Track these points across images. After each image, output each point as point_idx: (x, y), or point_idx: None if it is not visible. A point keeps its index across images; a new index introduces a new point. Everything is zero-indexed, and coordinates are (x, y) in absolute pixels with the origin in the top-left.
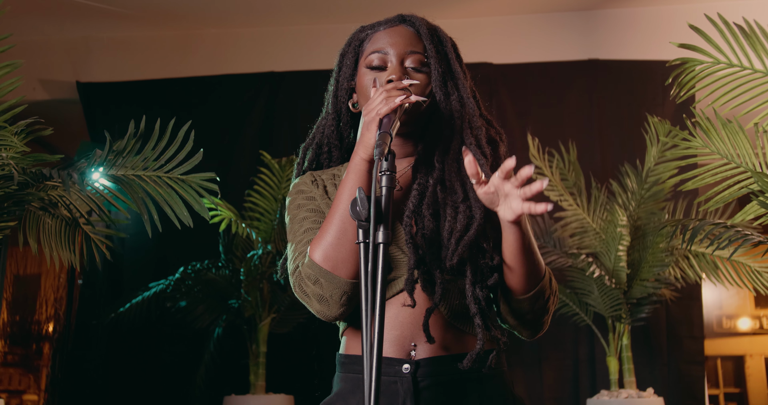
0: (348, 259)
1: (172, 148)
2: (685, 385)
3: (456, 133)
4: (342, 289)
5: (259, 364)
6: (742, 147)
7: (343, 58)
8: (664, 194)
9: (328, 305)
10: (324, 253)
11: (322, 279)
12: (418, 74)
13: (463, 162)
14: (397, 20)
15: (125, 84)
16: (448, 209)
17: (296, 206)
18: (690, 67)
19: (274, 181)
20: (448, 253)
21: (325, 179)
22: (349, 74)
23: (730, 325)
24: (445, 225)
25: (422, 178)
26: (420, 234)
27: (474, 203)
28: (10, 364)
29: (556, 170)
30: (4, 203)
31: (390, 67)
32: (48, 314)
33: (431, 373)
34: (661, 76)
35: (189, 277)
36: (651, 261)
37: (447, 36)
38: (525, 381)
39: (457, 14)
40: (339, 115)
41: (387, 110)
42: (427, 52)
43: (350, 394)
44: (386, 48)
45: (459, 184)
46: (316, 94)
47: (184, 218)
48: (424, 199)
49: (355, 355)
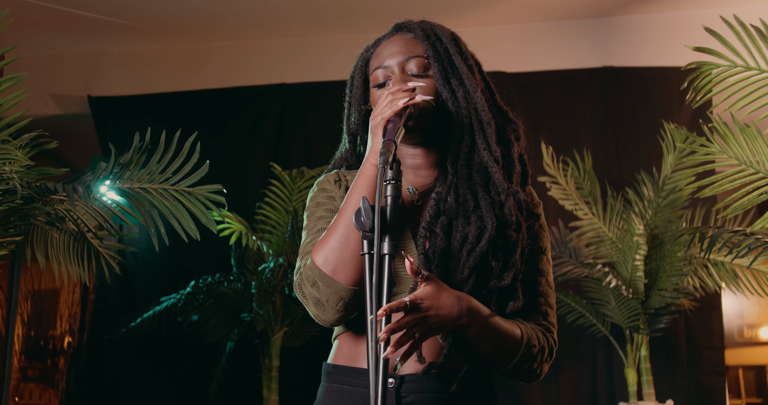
0: (348, 265)
1: (178, 161)
2: (706, 396)
3: (465, 134)
4: (339, 294)
5: (272, 379)
6: (761, 152)
7: (352, 81)
8: (681, 202)
9: (324, 310)
10: (325, 256)
11: (320, 282)
12: (423, 79)
13: (474, 167)
14: (394, 30)
15: (136, 98)
16: (459, 219)
17: (315, 204)
18: (706, 70)
19: (285, 193)
20: (459, 264)
21: (349, 180)
22: (359, 96)
23: (752, 334)
24: (456, 236)
25: (440, 188)
26: (431, 250)
27: (485, 213)
28: (29, 379)
29: (571, 179)
30: (10, 218)
31: (393, 78)
32: (63, 329)
33: (415, 389)
34: (676, 82)
35: (200, 290)
36: (669, 270)
37: (447, 31)
38: (542, 394)
39: (470, 23)
40: (355, 138)
41: (391, 113)
42: (427, 53)
43: (334, 404)
44: (386, 61)
45: (469, 191)
46: (327, 105)
47: (191, 231)
48: (439, 212)
49: (343, 366)
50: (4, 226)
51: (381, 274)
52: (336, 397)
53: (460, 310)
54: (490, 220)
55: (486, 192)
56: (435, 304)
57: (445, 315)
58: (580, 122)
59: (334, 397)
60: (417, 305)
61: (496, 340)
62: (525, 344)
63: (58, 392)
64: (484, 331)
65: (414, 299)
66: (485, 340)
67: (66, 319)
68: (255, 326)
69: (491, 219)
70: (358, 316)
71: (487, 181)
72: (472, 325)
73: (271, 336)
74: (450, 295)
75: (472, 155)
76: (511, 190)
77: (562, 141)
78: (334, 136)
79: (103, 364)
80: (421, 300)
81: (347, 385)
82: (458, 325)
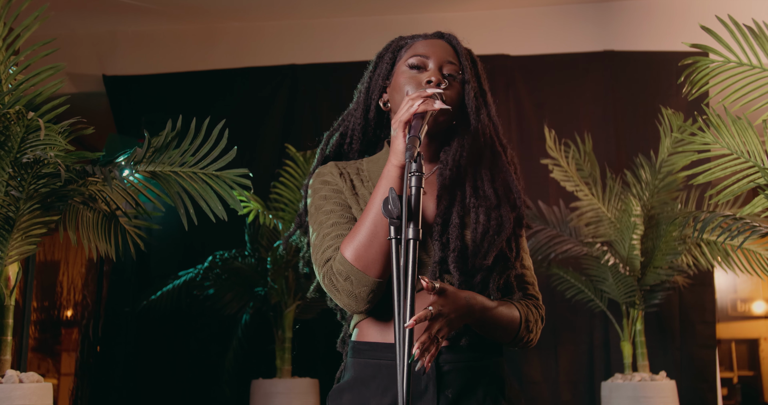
0: (378, 260)
1: (207, 146)
2: (697, 368)
3: (487, 145)
4: (370, 287)
5: (285, 349)
6: (751, 143)
7: (380, 60)
8: (677, 185)
9: (356, 300)
10: (356, 252)
11: (353, 277)
12: (453, 82)
13: (495, 172)
14: (436, 35)
15: (150, 77)
16: (481, 215)
17: (322, 197)
18: (702, 65)
19: (299, 172)
20: (480, 252)
21: (351, 173)
22: (385, 74)
23: (745, 308)
24: (478, 228)
25: (452, 183)
26: (446, 237)
27: (505, 213)
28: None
29: (572, 161)
30: (49, 199)
31: (430, 69)
32: (76, 300)
33: (452, 359)
34: (675, 66)
35: (217, 265)
36: (664, 249)
37: (478, 59)
38: (541, 365)
39: (476, 7)
40: (367, 110)
41: (408, 116)
42: (462, 66)
43: (371, 379)
44: (429, 54)
45: (492, 191)
46: (336, 85)
47: (218, 212)
48: (454, 204)
49: (374, 342)
50: (46, 206)
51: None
52: (373, 371)
53: (472, 312)
54: (508, 219)
55: (506, 197)
56: (453, 309)
57: (461, 317)
58: (581, 105)
59: (370, 371)
60: (440, 313)
61: (499, 326)
62: (523, 323)
63: (57, 362)
64: (491, 322)
65: (436, 308)
66: (492, 328)
67: (80, 291)
68: (269, 299)
69: (509, 220)
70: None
71: (507, 187)
72: (481, 320)
73: (284, 309)
74: (462, 298)
75: (495, 166)
76: (524, 199)
77: (564, 123)
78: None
79: (120, 334)
80: (441, 306)
81: (382, 360)
82: (471, 322)
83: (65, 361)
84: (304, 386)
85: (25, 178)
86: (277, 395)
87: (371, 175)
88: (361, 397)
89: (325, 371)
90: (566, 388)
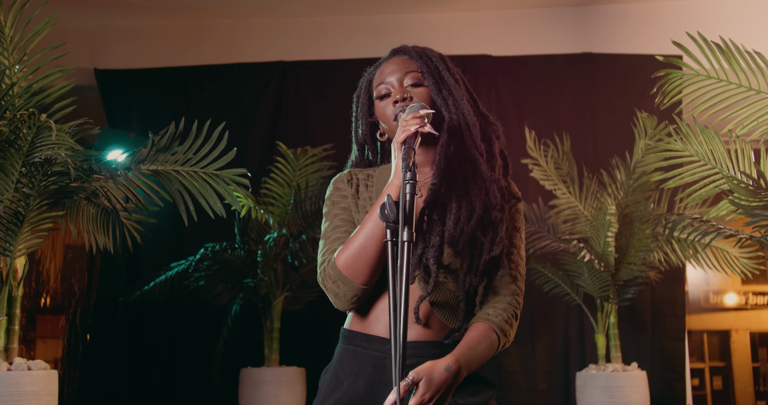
0: (364, 271)
1: (207, 146)
2: (668, 359)
3: (456, 134)
4: (354, 292)
5: (273, 339)
6: (717, 150)
7: (358, 99)
8: (649, 185)
9: (341, 301)
10: (346, 262)
11: (341, 282)
12: (417, 89)
13: (463, 161)
14: (391, 54)
15: (140, 71)
16: (453, 204)
17: (332, 202)
18: (674, 77)
19: (289, 169)
20: (455, 238)
21: (360, 179)
22: (366, 111)
23: (717, 300)
24: (450, 216)
25: (435, 180)
26: (428, 234)
27: (474, 198)
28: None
29: (551, 160)
30: (57, 196)
31: (394, 89)
32: (64, 288)
33: (416, 354)
34: (651, 69)
35: (208, 258)
36: (637, 246)
37: (436, 53)
38: (519, 356)
39: (458, 8)
40: (363, 147)
41: (404, 137)
42: (420, 69)
43: (349, 362)
44: (387, 77)
45: (461, 179)
46: (324, 83)
47: (218, 209)
48: (434, 202)
49: (357, 332)
50: (53, 202)
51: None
52: (351, 357)
53: (459, 374)
54: (479, 202)
55: (474, 181)
56: (436, 389)
57: (450, 386)
58: (561, 105)
59: (350, 356)
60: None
61: (485, 359)
62: (501, 338)
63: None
64: (479, 362)
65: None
66: (480, 363)
67: (68, 279)
68: (258, 291)
69: (480, 202)
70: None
71: (475, 172)
72: (466, 370)
73: (273, 300)
74: (440, 369)
75: (462, 151)
76: (494, 178)
77: (543, 123)
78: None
79: (112, 324)
80: (423, 394)
81: (360, 348)
82: (460, 379)
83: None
84: (292, 374)
85: (35, 176)
86: (265, 383)
87: (377, 181)
88: (337, 378)
89: (312, 360)
90: (542, 378)
